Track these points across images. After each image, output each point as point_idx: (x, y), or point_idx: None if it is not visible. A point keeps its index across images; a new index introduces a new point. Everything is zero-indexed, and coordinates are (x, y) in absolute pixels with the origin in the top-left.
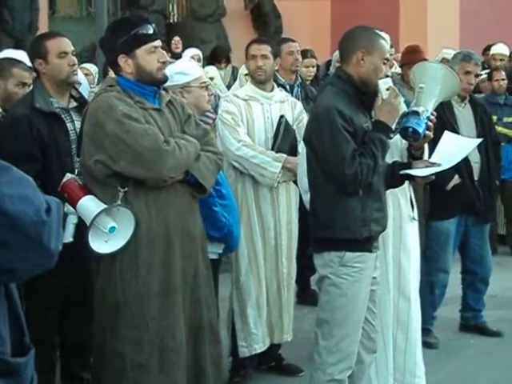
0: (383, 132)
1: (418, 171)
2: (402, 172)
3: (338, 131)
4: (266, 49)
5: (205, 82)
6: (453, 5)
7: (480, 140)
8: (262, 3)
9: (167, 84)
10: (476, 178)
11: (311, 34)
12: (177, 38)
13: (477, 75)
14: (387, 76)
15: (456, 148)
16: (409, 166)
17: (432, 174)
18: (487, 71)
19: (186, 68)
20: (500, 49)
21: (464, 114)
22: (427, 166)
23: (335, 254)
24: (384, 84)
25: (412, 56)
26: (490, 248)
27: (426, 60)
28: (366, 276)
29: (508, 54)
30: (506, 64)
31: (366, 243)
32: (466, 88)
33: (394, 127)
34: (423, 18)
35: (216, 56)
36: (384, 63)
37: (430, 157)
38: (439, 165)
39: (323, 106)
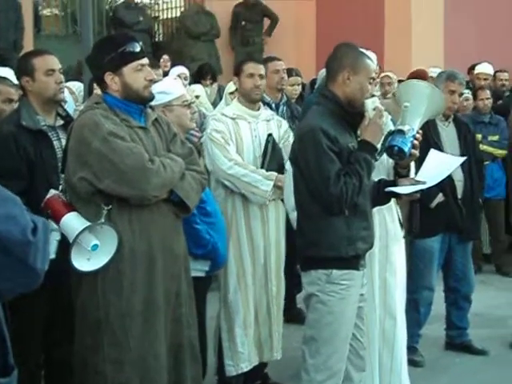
0: (368, 152)
1: (403, 189)
2: (387, 189)
3: (322, 151)
4: (262, 69)
5: (187, 101)
6: (437, 24)
7: (464, 158)
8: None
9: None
10: (459, 196)
11: (296, 53)
12: (165, 57)
13: (461, 94)
14: (373, 95)
15: (441, 166)
16: (394, 183)
17: (417, 192)
18: (466, 90)
19: (168, 87)
20: (484, 68)
21: (448, 132)
22: (412, 184)
23: (322, 271)
24: (371, 104)
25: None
26: (472, 266)
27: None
28: (353, 293)
29: (492, 73)
30: (490, 83)
31: (352, 261)
32: (450, 107)
33: (379, 146)
34: (408, 37)
35: (202, 73)
36: (370, 82)
37: (416, 175)
38: (424, 182)
39: (308, 125)
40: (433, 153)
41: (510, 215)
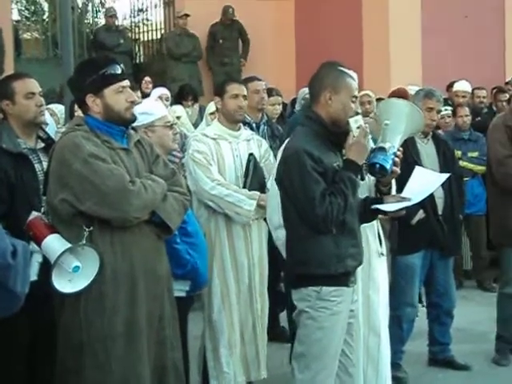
0: (353, 171)
1: (389, 206)
2: (373, 207)
3: (307, 172)
4: (244, 90)
5: (169, 122)
6: (415, 42)
7: (448, 175)
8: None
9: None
10: (440, 213)
11: (276, 72)
12: (147, 79)
13: (439, 111)
14: (357, 113)
15: (426, 183)
16: (380, 201)
17: (402, 209)
18: (447, 107)
19: (150, 108)
20: (462, 86)
21: (427, 149)
22: (398, 201)
23: (312, 288)
24: (354, 122)
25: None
26: (454, 281)
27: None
28: (343, 309)
29: (470, 90)
30: (468, 100)
31: (342, 278)
32: (428, 124)
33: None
34: (386, 55)
35: (183, 94)
36: (353, 101)
37: (397, 192)
38: (409, 199)
39: (292, 147)
40: (418, 170)
41: (490, 231)
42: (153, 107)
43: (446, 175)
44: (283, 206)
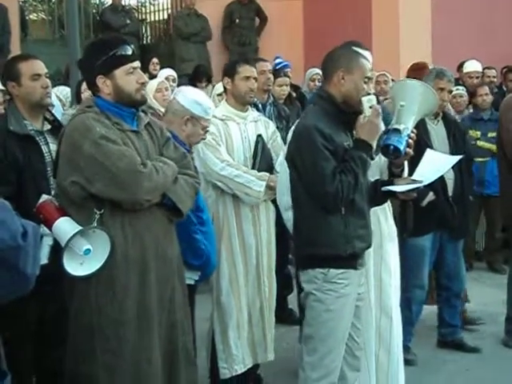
0: (364, 150)
1: (400, 187)
2: (384, 189)
3: (317, 150)
4: (255, 72)
5: (208, 125)
6: (424, 21)
7: (460, 157)
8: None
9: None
10: (450, 194)
11: (284, 53)
12: (155, 60)
13: (450, 92)
14: (370, 94)
15: (436, 165)
16: (391, 183)
17: (413, 190)
18: (458, 87)
19: (208, 105)
20: (474, 66)
21: (437, 130)
22: (409, 183)
23: (319, 270)
24: (368, 102)
25: (418, 73)
26: (463, 263)
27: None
28: (351, 292)
29: (481, 70)
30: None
31: (350, 260)
32: (439, 105)
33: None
34: (395, 34)
35: (198, 75)
36: (365, 82)
37: (410, 174)
38: (421, 181)
39: (303, 125)
40: (429, 152)
41: (502, 213)
42: (211, 106)
43: (457, 157)
44: (292, 184)
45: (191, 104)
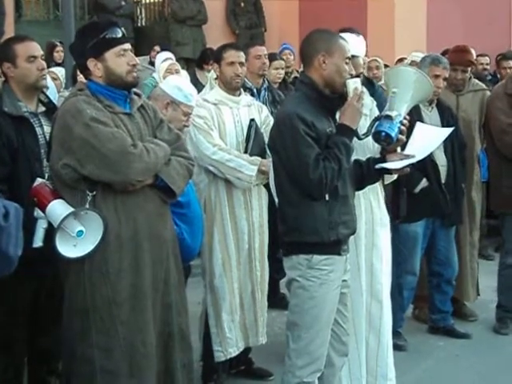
0: (347, 135)
1: (393, 164)
2: (378, 166)
3: (300, 137)
4: (242, 56)
5: (190, 111)
6: (420, 8)
7: (452, 129)
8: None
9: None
10: (443, 181)
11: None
12: (157, 48)
13: (445, 79)
14: (355, 76)
15: (428, 139)
16: (383, 159)
17: (407, 166)
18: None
19: (190, 91)
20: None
21: (431, 117)
22: (402, 159)
23: (303, 256)
24: (353, 84)
25: (460, 55)
26: (455, 250)
27: (471, 62)
28: (335, 278)
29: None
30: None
31: (334, 246)
32: (434, 91)
33: (365, 131)
34: (390, 21)
35: (204, 58)
36: (346, 63)
37: (402, 149)
38: (413, 156)
39: (284, 112)
40: (419, 126)
41: (490, 200)
42: (192, 93)
43: (448, 129)
44: (275, 172)
45: (172, 89)
